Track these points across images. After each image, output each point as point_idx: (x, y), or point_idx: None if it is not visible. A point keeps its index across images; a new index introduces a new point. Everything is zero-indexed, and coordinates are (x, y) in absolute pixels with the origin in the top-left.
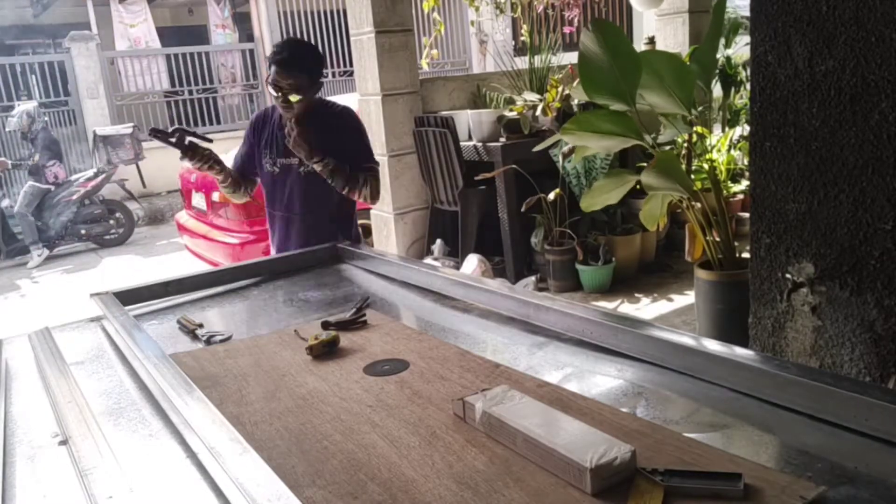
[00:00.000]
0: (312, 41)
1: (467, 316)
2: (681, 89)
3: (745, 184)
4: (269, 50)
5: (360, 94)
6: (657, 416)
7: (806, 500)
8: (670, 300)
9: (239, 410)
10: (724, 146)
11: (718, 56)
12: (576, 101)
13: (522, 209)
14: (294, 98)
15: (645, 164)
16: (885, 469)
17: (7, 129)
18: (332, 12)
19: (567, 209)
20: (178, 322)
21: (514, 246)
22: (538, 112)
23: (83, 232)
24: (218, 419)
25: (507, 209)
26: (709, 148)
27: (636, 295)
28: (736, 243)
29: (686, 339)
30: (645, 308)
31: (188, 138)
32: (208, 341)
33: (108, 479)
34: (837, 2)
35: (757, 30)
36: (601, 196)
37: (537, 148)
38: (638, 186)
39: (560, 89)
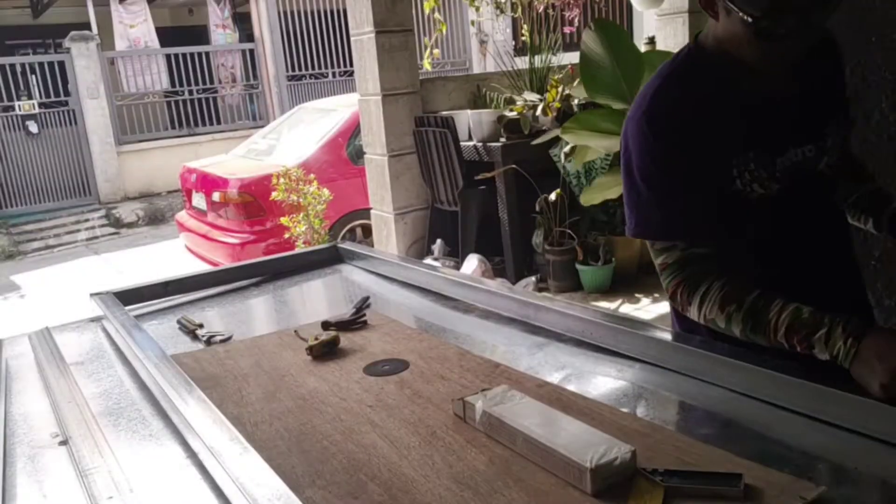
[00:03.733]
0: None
1: (467, 316)
2: None
3: None
4: (269, 50)
5: (360, 94)
6: (657, 417)
7: (806, 500)
8: None
9: (239, 411)
10: None
11: None
12: (576, 101)
13: (536, 210)
14: None
15: None
16: (886, 469)
17: None
18: (332, 12)
19: (567, 209)
20: (178, 322)
21: (514, 246)
22: (538, 112)
23: None
24: (218, 419)
25: (507, 209)
26: None
27: (636, 295)
28: None
29: (686, 340)
30: (645, 308)
31: None
32: (208, 341)
33: (108, 479)
34: None
35: None
36: (601, 192)
37: (536, 141)
38: None
39: (560, 89)
